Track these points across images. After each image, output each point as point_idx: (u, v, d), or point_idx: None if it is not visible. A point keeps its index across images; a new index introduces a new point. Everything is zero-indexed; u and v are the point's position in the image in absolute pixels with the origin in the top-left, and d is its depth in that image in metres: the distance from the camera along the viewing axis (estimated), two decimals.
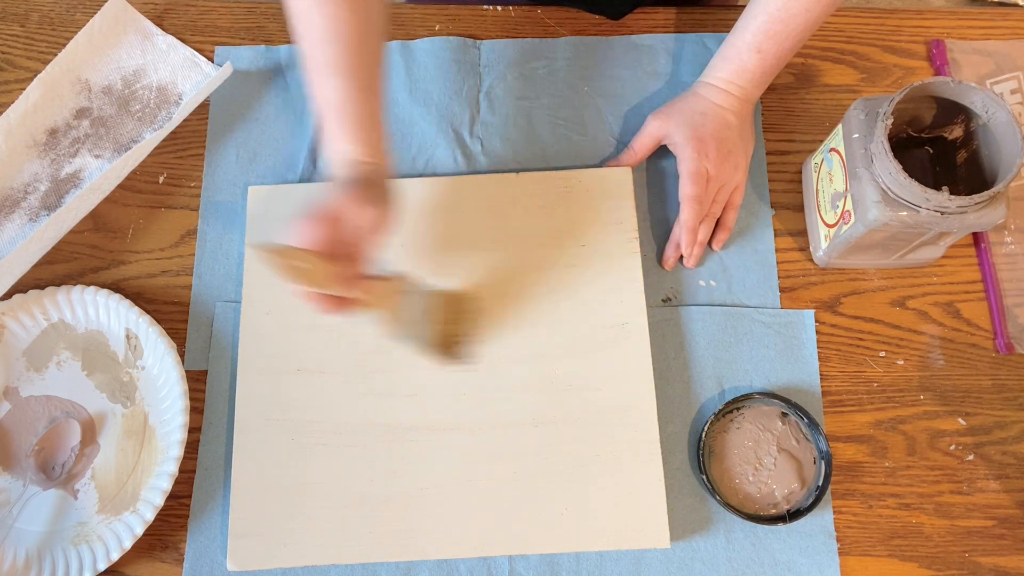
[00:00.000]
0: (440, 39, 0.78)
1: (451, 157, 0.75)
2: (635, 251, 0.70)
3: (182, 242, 0.73)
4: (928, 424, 0.68)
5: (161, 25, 0.79)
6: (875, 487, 0.66)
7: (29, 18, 0.80)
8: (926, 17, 0.80)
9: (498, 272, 0.70)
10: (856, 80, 0.78)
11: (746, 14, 0.69)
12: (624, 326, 0.68)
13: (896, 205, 0.59)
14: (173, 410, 0.66)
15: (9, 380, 0.68)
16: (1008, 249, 0.72)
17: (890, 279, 0.71)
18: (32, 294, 0.69)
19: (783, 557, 0.64)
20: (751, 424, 0.66)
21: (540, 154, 0.75)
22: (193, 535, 0.65)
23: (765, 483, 0.65)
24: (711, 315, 0.70)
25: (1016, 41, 0.78)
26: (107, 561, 0.62)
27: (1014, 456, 0.67)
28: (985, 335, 0.70)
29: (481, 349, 0.67)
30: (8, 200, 0.73)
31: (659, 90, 0.77)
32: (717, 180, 0.70)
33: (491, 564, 0.64)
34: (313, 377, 0.67)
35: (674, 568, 0.64)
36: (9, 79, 0.78)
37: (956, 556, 0.65)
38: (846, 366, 0.69)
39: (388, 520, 0.63)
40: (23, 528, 0.64)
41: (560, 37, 0.79)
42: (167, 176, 0.75)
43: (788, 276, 0.72)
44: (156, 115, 0.77)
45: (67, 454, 0.66)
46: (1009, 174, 0.57)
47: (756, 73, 0.69)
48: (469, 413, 0.66)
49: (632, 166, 0.73)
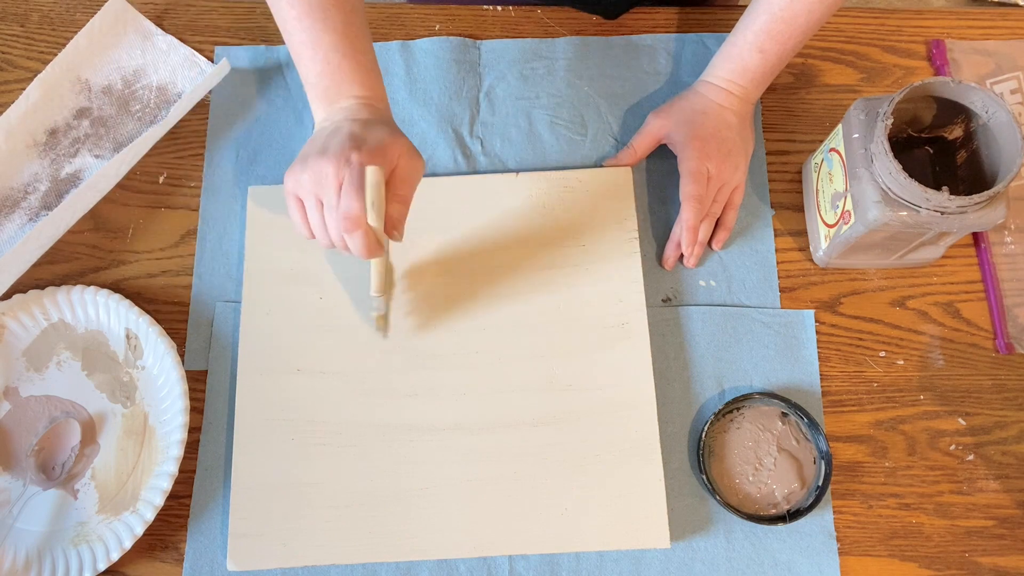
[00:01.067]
0: (440, 39, 0.78)
1: (451, 157, 0.75)
2: (635, 251, 0.70)
3: (182, 242, 0.73)
4: (928, 424, 0.68)
5: (161, 25, 0.79)
6: (875, 487, 0.66)
7: (29, 18, 0.80)
8: (926, 17, 0.80)
9: (498, 272, 0.70)
10: (856, 80, 0.78)
11: (748, 13, 0.69)
12: (624, 326, 0.68)
13: (896, 205, 0.59)
14: (173, 410, 0.66)
15: (9, 380, 0.68)
16: (1008, 249, 0.72)
17: (890, 279, 0.71)
18: (32, 294, 0.69)
19: (783, 557, 0.64)
20: (751, 424, 0.66)
21: (540, 154, 0.75)
22: (193, 535, 0.65)
23: (765, 483, 0.65)
24: (711, 315, 0.70)
25: (1016, 41, 0.78)
26: (107, 561, 0.62)
27: (1014, 456, 0.67)
28: (985, 335, 0.70)
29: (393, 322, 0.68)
30: (8, 200, 0.73)
31: (659, 90, 0.77)
32: (717, 179, 0.70)
33: (491, 564, 0.64)
34: (313, 377, 0.67)
35: (674, 568, 0.64)
36: (9, 79, 0.78)
37: (956, 556, 0.65)
38: (846, 366, 0.69)
39: (388, 520, 0.63)
40: (23, 528, 0.64)
41: (560, 37, 0.79)
42: (167, 176, 0.75)
43: (788, 276, 0.72)
44: (156, 115, 0.77)
45: (67, 454, 0.66)
46: (1009, 174, 0.57)
47: (757, 73, 0.69)
48: (469, 413, 0.66)
49: (632, 165, 0.73)
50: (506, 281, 0.69)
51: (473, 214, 0.71)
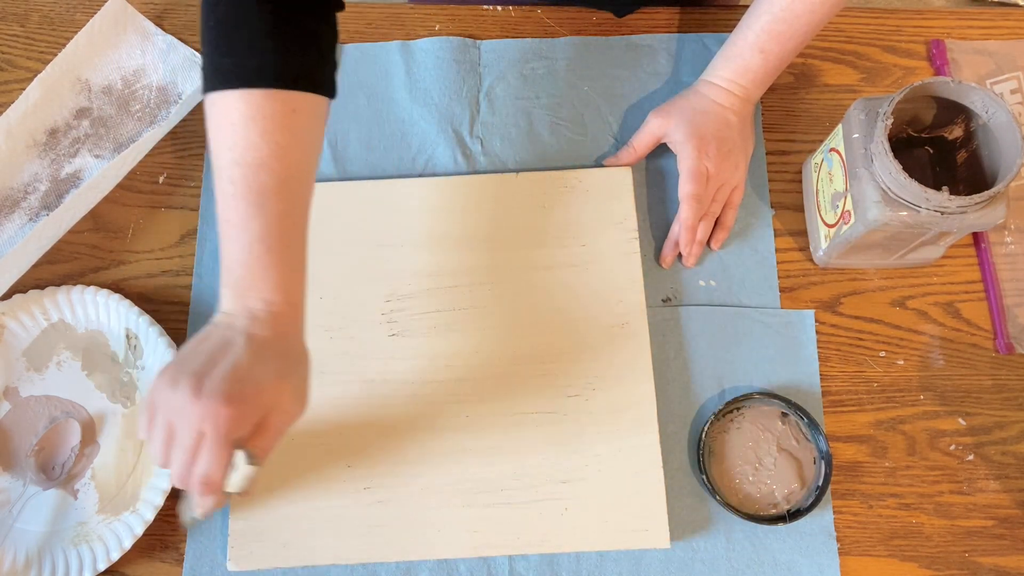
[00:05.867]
0: (440, 39, 0.78)
1: (451, 157, 0.75)
2: (635, 251, 0.70)
3: (182, 242, 0.73)
4: (928, 424, 0.68)
5: (161, 25, 0.79)
6: (875, 487, 0.66)
7: (29, 18, 0.80)
8: (926, 17, 0.80)
9: (498, 272, 0.70)
10: (856, 80, 0.78)
11: (750, 13, 0.69)
12: (624, 326, 0.68)
13: (896, 205, 0.59)
14: None
15: (9, 380, 0.68)
16: (1008, 249, 0.72)
17: (890, 279, 0.71)
18: (32, 294, 0.69)
19: (783, 557, 0.64)
20: (751, 424, 0.66)
21: (540, 154, 0.75)
22: (193, 535, 0.65)
23: (765, 483, 0.65)
24: (711, 315, 0.70)
25: (1016, 41, 0.78)
26: (107, 561, 0.62)
27: (1014, 456, 0.67)
28: (985, 335, 0.70)
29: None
30: (8, 200, 0.73)
31: (659, 90, 0.77)
32: (717, 179, 0.70)
33: (491, 564, 0.64)
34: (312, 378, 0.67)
35: (674, 568, 0.64)
36: (9, 79, 0.78)
37: (956, 556, 0.65)
38: (846, 366, 0.69)
39: (388, 520, 0.63)
40: (23, 528, 0.64)
41: (560, 37, 0.79)
42: (167, 176, 0.75)
43: (788, 276, 0.72)
44: (156, 115, 0.77)
45: (67, 454, 0.66)
46: (1009, 174, 0.57)
47: (758, 73, 0.69)
48: (469, 413, 0.66)
49: (631, 164, 0.73)
50: (506, 281, 0.69)
51: (473, 214, 0.71)
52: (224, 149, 0.52)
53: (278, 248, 0.52)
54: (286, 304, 0.52)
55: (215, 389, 0.47)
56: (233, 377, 0.48)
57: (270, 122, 0.51)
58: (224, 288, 0.52)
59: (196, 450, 0.48)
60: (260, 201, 0.51)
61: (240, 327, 0.50)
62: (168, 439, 0.49)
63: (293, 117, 0.52)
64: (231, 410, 0.47)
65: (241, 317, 0.51)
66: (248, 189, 0.51)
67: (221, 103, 0.52)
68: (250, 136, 0.51)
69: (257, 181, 0.51)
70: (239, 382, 0.48)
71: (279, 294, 0.52)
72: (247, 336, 0.50)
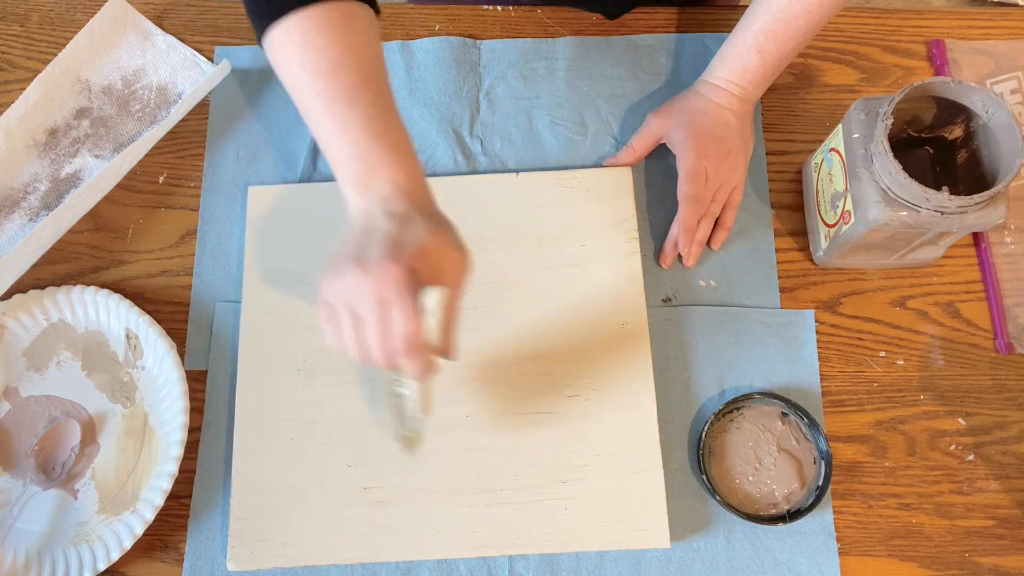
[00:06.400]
0: (440, 39, 0.78)
1: (451, 157, 0.75)
2: (635, 251, 0.70)
3: (182, 242, 0.73)
4: (928, 424, 0.68)
5: (161, 25, 0.79)
6: (875, 487, 0.66)
7: (29, 18, 0.80)
8: (926, 17, 0.80)
9: (498, 272, 0.70)
10: (856, 80, 0.78)
11: (748, 13, 0.69)
12: (624, 326, 0.68)
13: (896, 205, 0.59)
14: (173, 410, 0.66)
15: (9, 380, 0.68)
16: (1008, 249, 0.72)
17: (890, 279, 0.71)
18: (32, 294, 0.69)
19: (783, 557, 0.64)
20: (751, 424, 0.66)
21: (540, 154, 0.75)
22: (193, 535, 0.65)
23: (765, 483, 0.65)
24: (711, 315, 0.70)
25: (1016, 41, 0.78)
26: (107, 561, 0.62)
27: (1014, 456, 0.67)
28: (985, 335, 0.70)
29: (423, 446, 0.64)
30: (8, 200, 0.73)
31: (659, 90, 0.77)
32: (716, 179, 0.70)
33: (491, 564, 0.64)
34: (313, 377, 0.67)
35: (674, 568, 0.64)
36: (9, 79, 0.78)
37: (956, 556, 0.65)
38: (846, 366, 0.69)
39: (388, 520, 0.63)
40: (23, 528, 0.64)
41: (560, 37, 0.79)
42: (167, 176, 0.75)
43: (788, 276, 0.72)
44: (156, 115, 0.77)
45: (67, 454, 0.66)
46: (1009, 174, 0.57)
47: (757, 73, 0.69)
48: (469, 412, 0.66)
49: (631, 164, 0.73)
50: (506, 281, 0.69)
51: (473, 214, 0.71)
52: (297, 70, 0.53)
53: (384, 132, 0.53)
54: (411, 180, 0.53)
55: (379, 256, 0.49)
56: (390, 243, 0.49)
57: (333, 29, 0.53)
58: (346, 188, 0.54)
59: (385, 318, 0.49)
60: (349, 98, 0.53)
61: (376, 211, 0.52)
62: (356, 323, 0.50)
63: (353, 22, 0.54)
64: (400, 266, 0.48)
65: (374, 203, 0.52)
66: (334, 92, 0.53)
67: (280, 35, 0.54)
68: (318, 44, 0.53)
69: (339, 83, 0.53)
70: (397, 245, 0.49)
71: (400, 172, 0.53)
72: (386, 214, 0.51)
